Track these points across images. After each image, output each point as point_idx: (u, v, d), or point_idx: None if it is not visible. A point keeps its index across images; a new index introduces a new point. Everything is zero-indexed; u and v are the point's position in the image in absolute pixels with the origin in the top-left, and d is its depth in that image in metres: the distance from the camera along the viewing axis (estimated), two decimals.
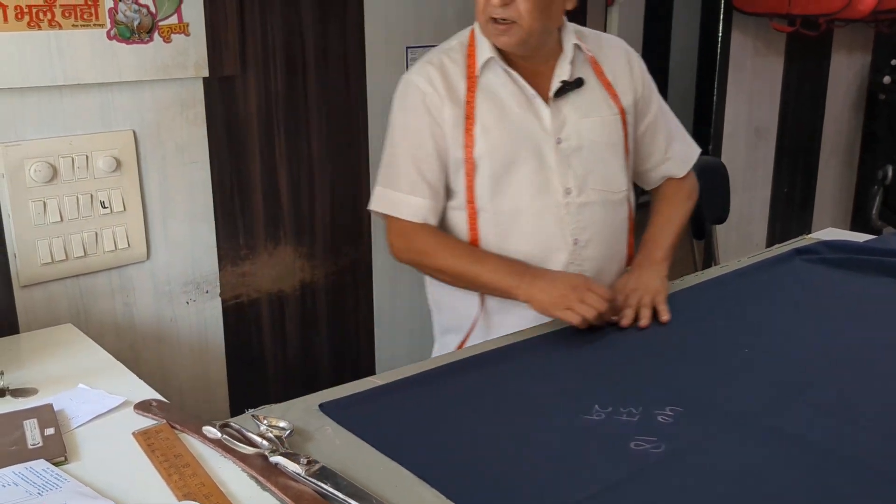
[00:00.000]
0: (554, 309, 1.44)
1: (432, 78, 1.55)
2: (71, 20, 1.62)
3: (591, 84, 1.60)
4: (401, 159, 1.57)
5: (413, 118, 1.56)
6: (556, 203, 1.56)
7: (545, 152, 1.55)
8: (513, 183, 1.55)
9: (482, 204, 1.56)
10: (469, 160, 1.54)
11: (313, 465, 1.03)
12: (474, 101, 1.54)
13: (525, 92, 1.55)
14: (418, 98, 1.55)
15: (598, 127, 1.59)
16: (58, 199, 1.68)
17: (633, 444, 1.10)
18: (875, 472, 1.04)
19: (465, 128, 1.54)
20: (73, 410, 1.24)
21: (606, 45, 1.66)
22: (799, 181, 3.82)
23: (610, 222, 1.63)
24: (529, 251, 1.56)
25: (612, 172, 1.62)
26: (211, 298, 1.96)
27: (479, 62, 1.55)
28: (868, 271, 1.76)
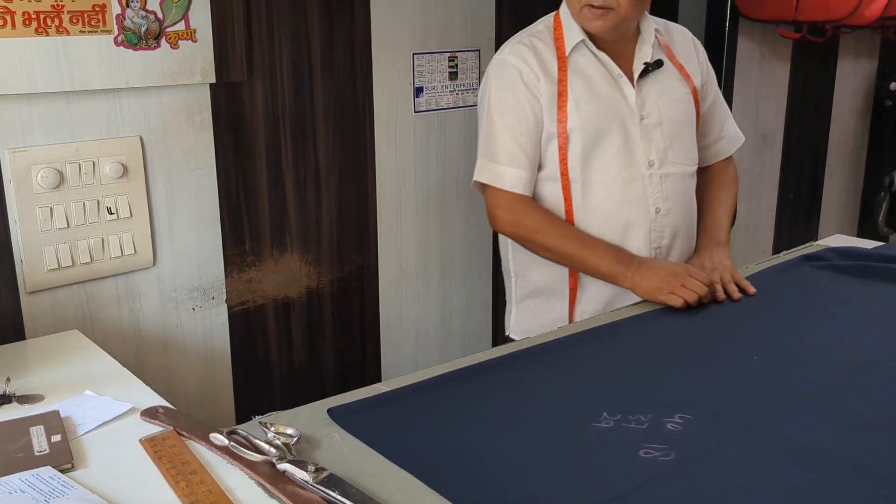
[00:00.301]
0: (658, 293, 1.58)
1: (526, 56, 1.68)
2: (78, 26, 1.63)
3: (667, 66, 1.75)
4: (500, 133, 1.69)
5: (511, 93, 1.67)
6: (641, 174, 1.70)
7: (630, 127, 1.69)
8: (601, 155, 1.68)
9: (573, 175, 1.68)
10: (562, 134, 1.66)
11: (321, 472, 1.03)
12: (566, 79, 1.67)
13: (612, 72, 1.69)
14: (515, 75, 1.67)
15: (675, 105, 1.74)
16: (64, 205, 1.68)
17: (643, 451, 1.09)
18: (886, 480, 1.03)
19: (559, 104, 1.66)
20: (79, 417, 1.23)
21: (675, 32, 1.82)
22: (805, 188, 3.81)
23: (686, 193, 1.77)
24: (615, 219, 1.70)
25: (687, 147, 1.77)
26: (217, 305, 1.96)
27: (569, 44, 1.68)
28: (877, 278, 1.75)
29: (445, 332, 2.47)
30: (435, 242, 2.38)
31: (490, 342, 2.58)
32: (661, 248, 1.75)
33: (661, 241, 1.74)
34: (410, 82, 2.22)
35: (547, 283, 1.79)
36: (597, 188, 1.69)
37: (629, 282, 1.62)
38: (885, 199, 3.97)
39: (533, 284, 1.81)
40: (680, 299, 1.55)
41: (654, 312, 1.60)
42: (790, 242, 3.54)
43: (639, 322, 1.56)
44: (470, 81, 2.36)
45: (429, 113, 2.28)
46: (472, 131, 2.40)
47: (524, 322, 1.85)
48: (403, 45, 2.19)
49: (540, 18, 1.77)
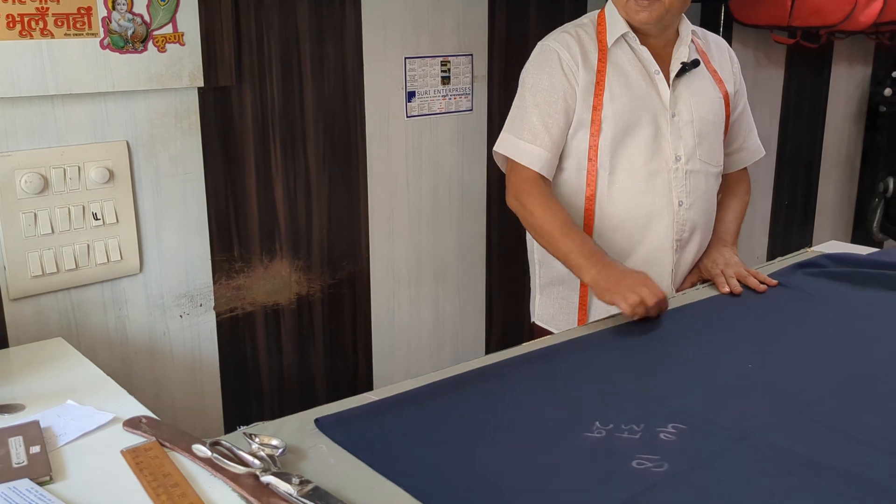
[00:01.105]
0: (606, 293, 1.58)
1: (569, 45, 1.74)
2: (63, 29, 1.60)
3: (702, 69, 1.81)
4: (529, 112, 1.74)
5: (548, 77, 1.73)
6: (667, 167, 1.75)
7: (661, 122, 1.74)
8: (631, 145, 1.73)
9: (602, 162, 1.73)
10: (596, 121, 1.72)
11: (306, 485, 1.00)
12: (605, 69, 1.73)
13: (649, 68, 1.75)
14: (555, 60, 1.73)
15: (707, 106, 1.79)
16: (49, 210, 1.66)
17: (636, 462, 1.07)
18: (880, 489, 1.01)
19: (595, 92, 1.72)
20: (60, 427, 1.21)
21: (712, 40, 1.89)
22: (799, 193, 3.80)
23: (708, 191, 1.82)
24: (639, 207, 1.74)
25: (714, 147, 1.82)
26: (205, 312, 1.93)
27: (611, 37, 1.74)
28: (871, 285, 1.74)
29: (438, 340, 2.45)
30: (427, 249, 2.35)
31: (483, 349, 2.56)
32: (682, 240, 1.79)
33: (682, 234, 1.78)
34: (402, 87, 2.20)
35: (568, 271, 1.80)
36: (623, 177, 1.74)
37: (589, 277, 1.63)
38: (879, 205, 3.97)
39: (556, 272, 1.84)
40: (625, 304, 1.54)
41: (648, 322, 1.58)
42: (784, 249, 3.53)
43: (632, 331, 1.54)
44: (463, 86, 2.34)
45: (421, 118, 2.26)
46: (466, 136, 2.39)
47: (548, 309, 1.91)
48: (395, 50, 2.17)
49: (586, 13, 1.85)
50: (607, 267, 1.62)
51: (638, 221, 1.76)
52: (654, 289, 1.56)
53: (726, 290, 1.72)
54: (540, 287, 1.93)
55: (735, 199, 1.97)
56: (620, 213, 1.75)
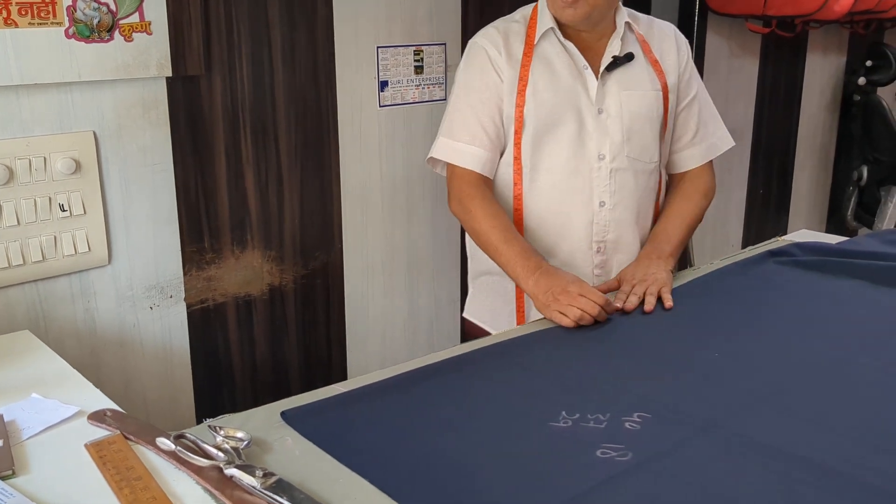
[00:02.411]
0: (546, 309, 1.53)
1: (495, 39, 1.71)
2: (27, 18, 1.58)
3: (639, 60, 1.73)
4: (463, 112, 1.71)
5: (478, 75, 1.70)
6: (589, 166, 1.69)
7: (586, 119, 1.69)
8: (552, 143, 1.69)
9: (525, 160, 1.70)
10: (518, 118, 1.68)
11: (270, 477, 1.00)
12: (530, 65, 1.68)
13: (577, 63, 1.70)
14: (483, 57, 1.70)
15: (639, 100, 1.71)
16: (14, 202, 1.64)
17: (600, 451, 1.07)
18: (845, 479, 1.02)
19: (519, 88, 1.68)
20: (24, 421, 1.19)
21: (657, 28, 1.81)
22: (774, 182, 3.82)
23: (639, 190, 1.74)
24: (558, 207, 1.71)
25: (647, 143, 1.73)
26: (175, 303, 1.92)
27: (539, 32, 1.69)
28: (841, 274, 1.75)
29: (413, 330, 2.45)
30: (401, 238, 2.35)
31: (459, 339, 2.56)
32: (606, 242, 1.73)
33: (604, 236, 1.73)
34: (375, 76, 2.19)
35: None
36: (544, 175, 1.70)
37: (528, 289, 1.58)
38: (853, 193, 4.00)
39: (485, 264, 1.79)
40: (567, 319, 1.48)
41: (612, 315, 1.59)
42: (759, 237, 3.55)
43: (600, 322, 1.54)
44: (436, 75, 2.33)
45: (394, 107, 2.25)
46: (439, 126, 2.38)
47: (476, 301, 1.88)
48: (367, 39, 2.16)
49: (520, 8, 1.79)
50: (545, 276, 1.56)
51: (557, 221, 1.72)
52: (594, 296, 1.50)
53: (618, 305, 1.57)
54: (471, 279, 1.89)
55: (684, 201, 1.82)
56: (542, 213, 1.72)
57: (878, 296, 1.64)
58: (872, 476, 1.02)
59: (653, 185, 1.79)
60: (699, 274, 1.78)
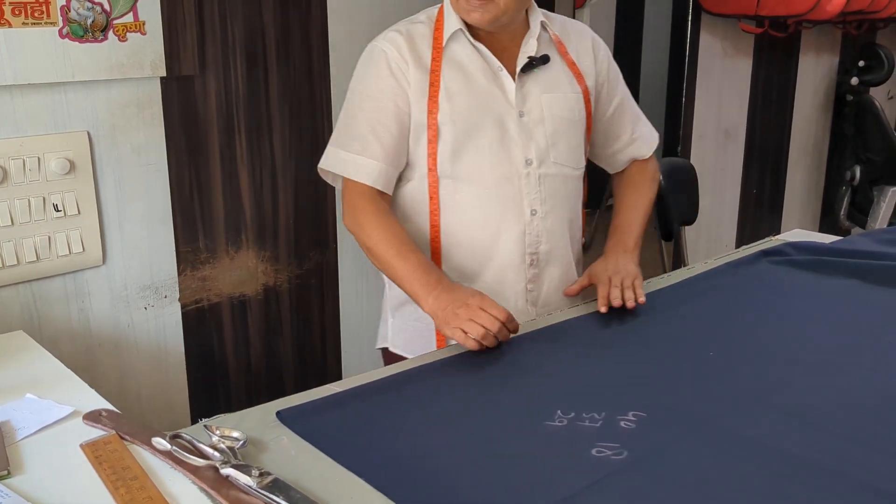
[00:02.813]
0: (446, 327, 1.41)
1: (398, 44, 1.56)
2: (21, 18, 1.58)
3: (556, 62, 1.63)
4: (357, 121, 1.56)
5: (376, 81, 1.55)
6: (517, 173, 1.57)
7: (507, 124, 1.56)
8: (474, 151, 1.55)
9: (443, 170, 1.55)
10: (432, 126, 1.54)
11: (266, 476, 1.00)
12: (440, 69, 1.55)
13: (491, 65, 1.57)
14: (383, 62, 1.55)
15: (561, 102, 1.61)
16: (8, 202, 1.63)
17: (595, 450, 1.07)
18: (839, 477, 1.02)
19: (430, 94, 1.54)
20: (19, 421, 1.19)
21: (572, 29, 1.69)
22: (768, 182, 3.83)
23: (569, 197, 1.64)
24: (487, 220, 1.57)
25: (573, 148, 1.64)
26: (170, 303, 1.91)
27: (447, 34, 1.56)
28: (834, 273, 1.75)
29: None
30: None
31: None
32: (538, 253, 1.61)
33: (536, 246, 1.60)
34: None
35: None
36: (468, 186, 1.56)
37: (428, 307, 1.45)
38: (846, 193, 4.02)
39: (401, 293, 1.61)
40: (468, 338, 1.36)
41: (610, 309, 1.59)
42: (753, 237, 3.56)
43: (593, 320, 1.55)
44: None
45: None
46: None
47: (404, 333, 1.68)
48: (361, 39, 2.14)
49: (425, 9, 1.65)
50: (445, 292, 1.43)
51: (487, 234, 1.58)
52: (496, 310, 1.39)
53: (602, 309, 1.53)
54: (392, 309, 1.70)
55: (638, 193, 1.77)
56: (467, 228, 1.57)
57: (872, 295, 1.65)
58: (864, 474, 1.03)
59: (579, 191, 1.69)
60: (693, 273, 1.78)
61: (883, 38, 4.08)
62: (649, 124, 1.82)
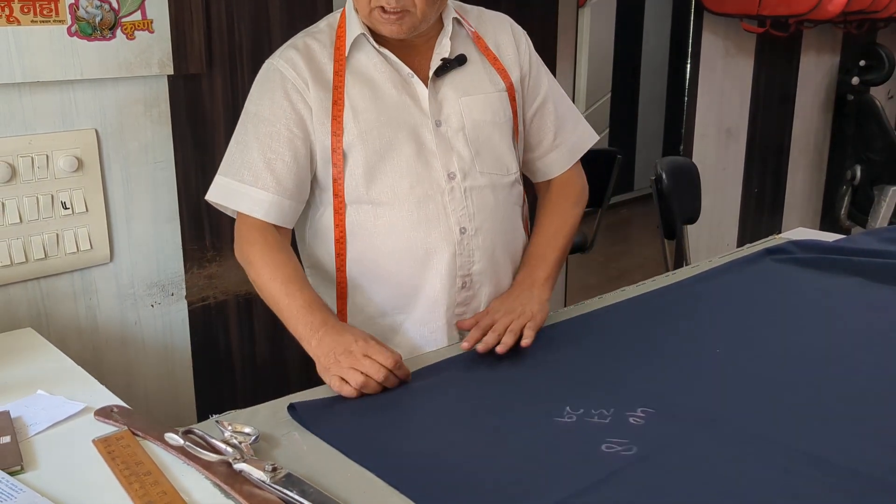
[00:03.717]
0: (326, 374, 1.27)
1: (295, 62, 1.42)
2: (30, 16, 1.58)
3: (474, 60, 1.49)
4: (249, 148, 1.42)
5: (269, 105, 1.42)
6: (439, 189, 1.43)
7: (423, 136, 1.43)
8: (389, 171, 1.42)
9: (356, 195, 1.43)
10: (337, 149, 1.41)
11: (279, 471, 1.01)
12: (343, 84, 1.42)
13: (400, 72, 1.44)
14: (277, 83, 1.42)
15: (482, 105, 1.47)
16: (17, 199, 1.64)
17: (605, 446, 1.08)
18: (846, 472, 1.03)
19: (333, 114, 1.41)
20: (30, 417, 1.20)
21: (489, 20, 1.55)
22: (769, 181, 3.85)
23: (501, 208, 1.50)
24: (412, 245, 1.44)
25: (500, 153, 1.50)
26: (176, 301, 1.92)
27: (349, 41, 1.42)
28: (838, 271, 1.76)
29: None
30: None
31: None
32: (472, 274, 1.47)
33: (470, 267, 1.47)
34: None
35: None
36: (387, 211, 1.42)
37: (312, 351, 1.32)
38: (846, 192, 4.03)
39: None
40: (347, 387, 1.24)
41: (616, 306, 1.60)
42: (754, 236, 3.57)
43: (602, 316, 1.56)
44: None
45: None
46: None
47: None
48: None
49: (328, 14, 1.52)
50: (328, 335, 1.31)
51: (415, 261, 1.44)
52: (382, 356, 1.25)
53: (481, 349, 1.36)
54: None
55: (554, 216, 1.59)
56: (390, 257, 1.44)
57: (876, 293, 1.66)
58: (871, 469, 1.03)
59: (515, 198, 1.55)
60: (697, 272, 1.79)
61: (883, 38, 4.09)
62: (583, 131, 1.63)
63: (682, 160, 2.79)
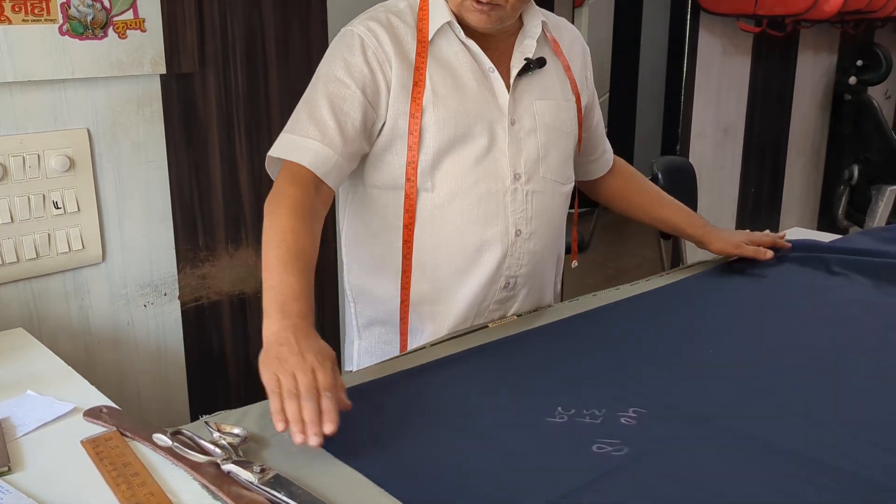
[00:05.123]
0: (264, 363, 1.13)
1: (377, 33, 1.37)
2: (21, 15, 1.58)
3: (552, 66, 1.49)
4: (318, 105, 1.35)
5: (345, 66, 1.36)
6: (503, 188, 1.42)
7: (497, 132, 1.41)
8: (458, 161, 1.39)
9: (422, 182, 1.40)
10: (414, 131, 1.37)
11: (267, 472, 1.00)
12: (425, 66, 1.38)
13: (482, 65, 1.42)
14: (358, 48, 1.36)
15: (554, 111, 1.48)
16: (8, 199, 1.63)
17: (596, 446, 1.07)
18: (839, 474, 1.02)
19: (413, 95, 1.37)
20: (19, 418, 1.19)
21: (565, 29, 1.57)
22: (766, 181, 3.84)
23: (556, 215, 1.51)
24: (467, 239, 1.42)
25: (563, 161, 1.51)
26: (169, 301, 1.91)
27: (433, 26, 1.39)
28: (835, 271, 1.76)
29: None
30: None
31: None
32: (518, 277, 1.47)
33: (518, 269, 1.46)
34: None
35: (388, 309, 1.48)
36: (447, 202, 1.40)
37: (266, 332, 1.18)
38: (844, 192, 4.03)
39: (378, 307, 1.50)
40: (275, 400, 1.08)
41: (610, 306, 1.60)
42: None
43: (594, 316, 1.55)
44: None
45: None
46: None
47: (370, 357, 1.53)
48: None
49: None
50: (292, 332, 1.15)
51: (465, 255, 1.42)
52: (323, 378, 1.09)
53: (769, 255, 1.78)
54: (359, 328, 1.54)
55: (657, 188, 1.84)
56: (445, 247, 1.42)
57: (873, 292, 1.65)
58: (865, 471, 1.03)
59: (565, 210, 1.55)
60: (693, 272, 1.79)
61: (881, 38, 4.09)
62: None
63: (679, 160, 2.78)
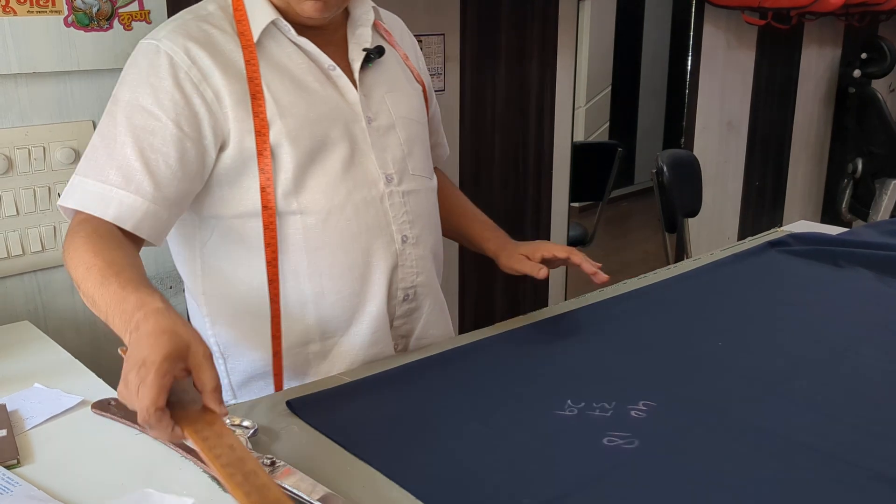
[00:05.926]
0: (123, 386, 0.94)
1: (188, 47, 1.19)
2: (26, 6, 1.57)
3: (390, 55, 1.37)
4: (119, 143, 1.16)
5: (152, 92, 1.17)
6: (378, 194, 1.29)
7: (356, 134, 1.28)
8: (323, 174, 1.25)
9: (284, 206, 1.23)
10: (264, 152, 1.20)
11: (277, 465, 1.00)
12: (259, 76, 1.21)
13: (321, 64, 1.27)
14: (166, 69, 1.18)
15: (406, 102, 1.36)
16: (13, 191, 1.63)
17: (606, 439, 1.07)
18: (850, 465, 1.02)
19: (254, 110, 1.20)
20: (27, 411, 1.19)
21: (392, 20, 1.46)
22: (770, 174, 3.84)
23: (433, 214, 1.41)
24: (348, 260, 1.27)
25: (426, 154, 1.41)
26: (175, 294, 1.91)
27: (256, 28, 1.23)
28: (841, 264, 1.76)
29: None
30: None
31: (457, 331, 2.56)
32: (415, 286, 1.36)
33: (414, 279, 1.35)
34: None
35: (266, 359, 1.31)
36: (321, 221, 1.25)
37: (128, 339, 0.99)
38: (848, 185, 4.03)
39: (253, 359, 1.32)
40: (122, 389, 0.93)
41: (617, 299, 1.59)
42: (755, 229, 3.56)
43: (602, 309, 1.55)
44: (434, 66, 2.33)
45: None
46: None
47: None
48: None
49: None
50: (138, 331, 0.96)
51: (355, 274, 1.28)
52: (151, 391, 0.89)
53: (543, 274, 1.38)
54: (234, 387, 1.35)
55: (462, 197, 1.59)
56: (328, 271, 1.26)
57: (879, 285, 1.65)
58: (875, 463, 1.03)
59: (436, 205, 1.44)
60: (699, 264, 1.78)
61: (885, 31, 4.08)
62: None
63: (683, 153, 2.78)
